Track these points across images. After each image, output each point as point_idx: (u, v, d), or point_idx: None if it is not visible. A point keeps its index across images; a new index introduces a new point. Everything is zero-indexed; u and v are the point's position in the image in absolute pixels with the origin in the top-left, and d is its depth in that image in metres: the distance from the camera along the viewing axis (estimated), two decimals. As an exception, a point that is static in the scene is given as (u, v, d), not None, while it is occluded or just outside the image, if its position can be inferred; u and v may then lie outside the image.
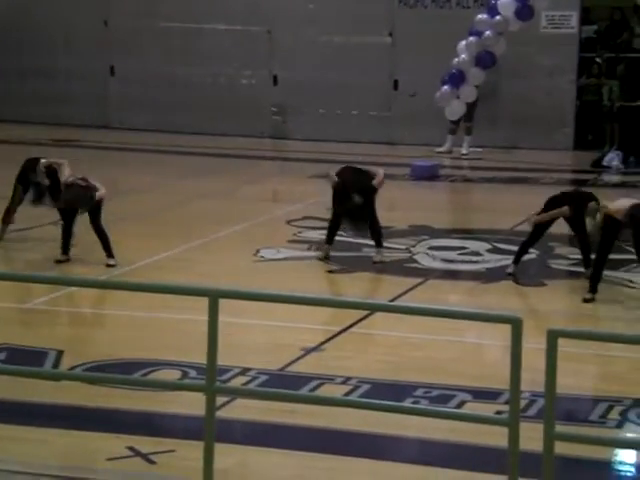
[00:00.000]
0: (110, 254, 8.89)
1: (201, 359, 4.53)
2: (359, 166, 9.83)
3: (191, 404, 5.36)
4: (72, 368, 6.35)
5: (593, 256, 8.47)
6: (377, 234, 9.39)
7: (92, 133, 17.83)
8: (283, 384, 6.11)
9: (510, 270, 8.91)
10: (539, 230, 8.82)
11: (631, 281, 8.83)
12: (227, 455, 4.96)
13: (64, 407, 5.78)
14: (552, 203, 8.73)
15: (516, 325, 3.99)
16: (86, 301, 8.21)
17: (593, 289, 8.20)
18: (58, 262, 8.92)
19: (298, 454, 5.32)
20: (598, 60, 16.85)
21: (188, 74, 18.25)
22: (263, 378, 6.29)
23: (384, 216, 9.77)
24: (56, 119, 18.50)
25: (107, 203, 10.96)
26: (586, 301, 8.12)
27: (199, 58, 18.28)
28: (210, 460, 4.33)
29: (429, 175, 14.29)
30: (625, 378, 6.67)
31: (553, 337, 3.97)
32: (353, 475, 5.14)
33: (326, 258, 9.37)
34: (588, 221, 8.28)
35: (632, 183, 14.02)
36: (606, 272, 8.85)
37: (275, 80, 18.16)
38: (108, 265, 8.83)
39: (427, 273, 9.12)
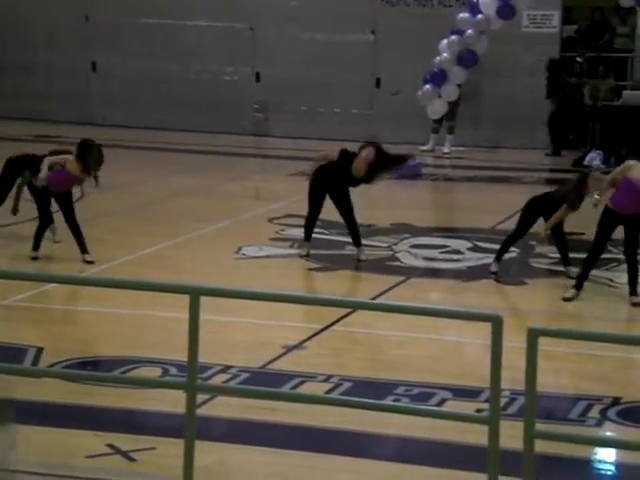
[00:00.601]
0: (84, 250, 8.86)
1: (182, 356, 4.52)
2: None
3: (172, 402, 5.35)
4: (52, 365, 6.32)
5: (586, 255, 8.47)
6: (355, 233, 9.38)
7: (74, 129, 17.74)
8: (264, 382, 6.11)
9: (493, 269, 8.93)
10: (527, 228, 8.83)
11: (611, 280, 8.88)
12: (207, 453, 4.95)
13: (44, 404, 5.76)
14: (536, 204, 8.72)
15: (496, 323, 4.00)
16: (66, 298, 8.17)
17: (578, 286, 8.21)
18: (34, 259, 8.89)
19: (279, 452, 5.32)
20: (579, 60, 16.93)
21: (170, 70, 18.19)
22: (244, 376, 6.28)
23: (366, 214, 9.79)
24: (38, 115, 18.40)
25: (88, 199, 10.89)
26: (566, 300, 8.15)
27: (181, 54, 18.22)
28: (190, 458, 4.32)
29: (411, 174, 14.31)
30: (605, 377, 6.71)
31: (533, 335, 3.99)
32: (334, 473, 5.15)
33: (307, 255, 9.38)
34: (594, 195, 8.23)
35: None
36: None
37: (258, 77, 18.13)
38: (86, 261, 8.79)
39: (409, 271, 9.14)
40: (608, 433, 5.72)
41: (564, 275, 8.76)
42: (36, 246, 8.97)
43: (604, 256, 9.04)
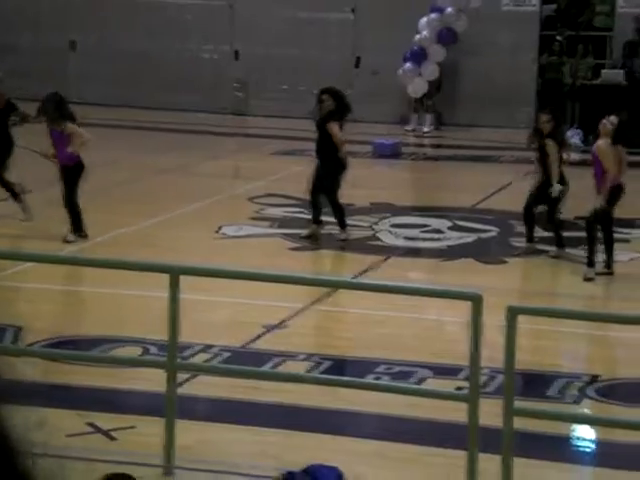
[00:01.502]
0: (75, 229, 8.84)
1: (163, 336, 4.51)
2: None
3: (152, 381, 5.34)
4: (31, 344, 6.29)
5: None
6: (339, 214, 9.35)
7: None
8: (245, 361, 6.11)
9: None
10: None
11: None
12: (188, 432, 4.95)
13: (23, 383, 5.74)
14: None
15: (476, 302, 4.02)
16: (45, 277, 8.12)
17: (591, 263, 8.14)
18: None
19: (260, 430, 5.33)
20: (559, 38, 16.93)
21: (149, 49, 18.04)
22: (225, 355, 6.28)
23: (346, 194, 9.76)
24: (15, 93, 18.21)
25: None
26: (587, 280, 8.05)
27: (160, 33, 18.07)
28: (171, 436, 4.32)
29: (391, 153, 14.30)
30: (584, 355, 6.77)
31: (512, 314, 4.01)
32: (315, 450, 5.16)
33: (315, 238, 9.21)
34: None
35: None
36: (566, 250, 8.95)
37: (237, 55, 18.02)
38: (66, 241, 8.75)
39: (390, 250, 9.15)
40: (587, 410, 5.77)
41: (547, 254, 8.79)
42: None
43: (583, 235, 9.08)
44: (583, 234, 8.72)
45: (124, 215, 10.05)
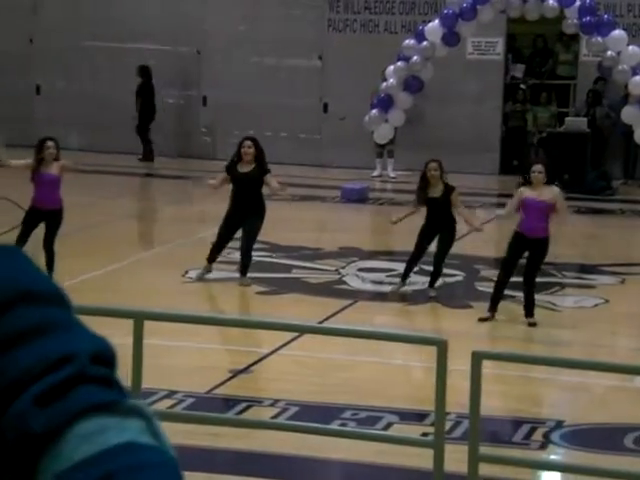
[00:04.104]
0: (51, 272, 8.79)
1: (127, 382, 4.46)
2: None
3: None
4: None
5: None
6: (246, 259, 9.23)
7: (18, 152, 17.52)
8: (210, 407, 6.05)
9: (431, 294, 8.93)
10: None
11: (554, 304, 8.98)
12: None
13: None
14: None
15: (441, 347, 4.02)
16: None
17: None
18: None
19: (223, 477, 5.26)
20: (523, 87, 17.20)
21: (115, 94, 18.08)
22: (189, 401, 6.21)
23: (314, 237, 9.79)
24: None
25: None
26: (481, 320, 8.19)
27: (127, 78, 18.13)
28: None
29: (358, 198, 14.38)
30: (549, 400, 6.78)
31: (477, 359, 4.02)
32: (280, 498, 5.11)
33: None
34: None
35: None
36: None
37: (204, 101, 18.10)
38: None
39: (356, 295, 9.15)
40: (552, 456, 5.77)
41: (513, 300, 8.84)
42: None
43: (547, 280, 9.16)
44: (548, 279, 8.78)
45: (90, 259, 9.98)
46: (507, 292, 9.09)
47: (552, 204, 8.03)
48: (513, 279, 8.97)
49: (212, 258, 9.29)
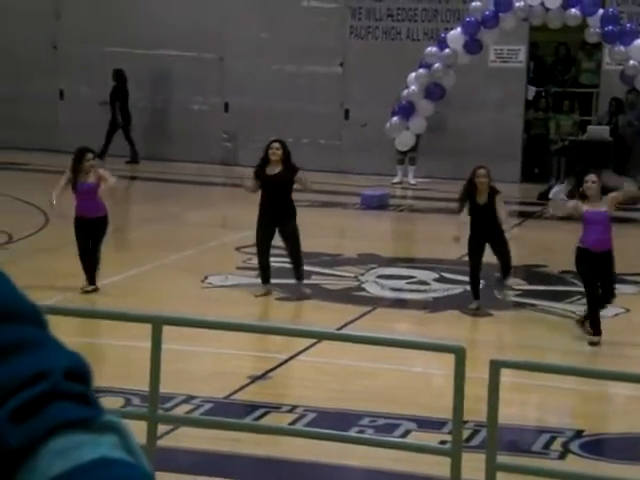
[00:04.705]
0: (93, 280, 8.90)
1: (146, 386, 4.48)
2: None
3: (135, 433, 5.28)
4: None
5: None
6: (298, 264, 9.12)
7: (41, 156, 17.65)
8: (228, 412, 6.06)
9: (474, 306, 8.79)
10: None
11: (574, 312, 8.94)
12: (169, 484, 4.89)
13: None
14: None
15: (459, 355, 4.02)
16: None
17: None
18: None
19: (242, 483, 5.26)
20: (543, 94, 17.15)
21: (139, 99, 18.17)
22: (208, 406, 6.23)
23: (334, 244, 9.79)
24: (5, 143, 18.29)
25: (55, 228, 10.81)
26: (592, 344, 7.85)
27: (150, 84, 18.22)
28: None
29: (379, 204, 14.38)
30: (568, 409, 6.74)
31: (495, 367, 4.01)
32: (297, 505, 5.11)
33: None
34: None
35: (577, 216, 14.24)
36: (550, 303, 8.97)
37: (226, 107, 18.16)
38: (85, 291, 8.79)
39: (375, 301, 9.14)
40: (570, 466, 5.74)
41: (529, 307, 8.80)
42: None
43: (568, 289, 9.11)
44: (569, 288, 8.74)
45: (111, 264, 10.02)
46: (525, 300, 9.06)
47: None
48: (530, 287, 8.92)
49: (264, 273, 9.07)
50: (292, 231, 9.03)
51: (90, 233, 8.92)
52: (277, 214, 9.02)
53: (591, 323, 7.94)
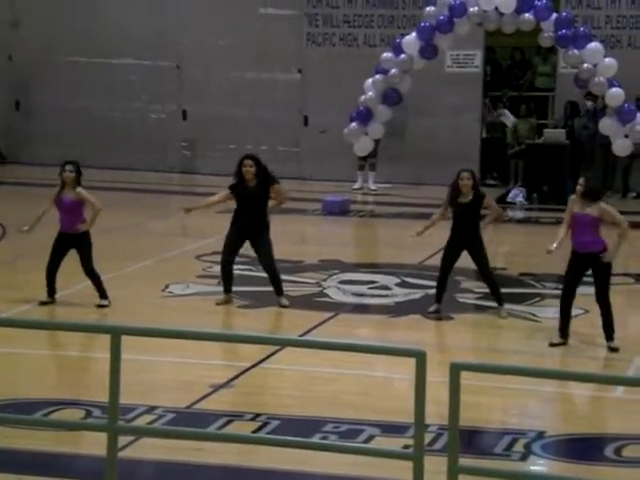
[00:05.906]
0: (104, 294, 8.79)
1: (106, 398, 4.44)
2: None
3: (95, 444, 5.24)
4: (-29, 409, 6.14)
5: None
6: (275, 278, 9.07)
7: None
8: (191, 422, 6.02)
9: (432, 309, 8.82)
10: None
11: (534, 315, 9.02)
12: (132, 496, 4.85)
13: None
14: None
15: (420, 359, 4.03)
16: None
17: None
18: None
19: (205, 493, 5.24)
20: (504, 100, 17.29)
21: (96, 109, 18.05)
22: (170, 416, 6.19)
23: (295, 250, 9.78)
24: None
25: (13, 238, 10.69)
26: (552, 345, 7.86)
27: (107, 93, 18.09)
28: (113, 501, 4.23)
29: (340, 210, 14.41)
30: (529, 411, 6.79)
31: (455, 370, 4.02)
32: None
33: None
34: None
35: (535, 219, 14.38)
36: (510, 306, 9.04)
37: (184, 115, 18.09)
38: (100, 305, 8.69)
39: (338, 307, 9.15)
40: (533, 467, 5.77)
41: (493, 311, 8.85)
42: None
43: (527, 291, 9.18)
44: (528, 290, 8.81)
45: (70, 275, 9.91)
46: (486, 303, 9.12)
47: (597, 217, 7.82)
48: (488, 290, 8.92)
49: (226, 283, 9.05)
50: (268, 247, 9.00)
51: (69, 249, 8.81)
52: (249, 228, 9.00)
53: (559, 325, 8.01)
